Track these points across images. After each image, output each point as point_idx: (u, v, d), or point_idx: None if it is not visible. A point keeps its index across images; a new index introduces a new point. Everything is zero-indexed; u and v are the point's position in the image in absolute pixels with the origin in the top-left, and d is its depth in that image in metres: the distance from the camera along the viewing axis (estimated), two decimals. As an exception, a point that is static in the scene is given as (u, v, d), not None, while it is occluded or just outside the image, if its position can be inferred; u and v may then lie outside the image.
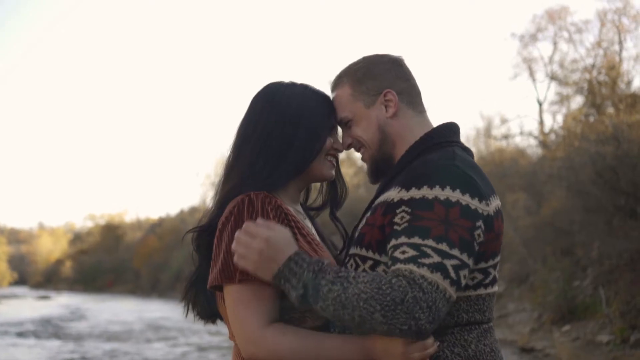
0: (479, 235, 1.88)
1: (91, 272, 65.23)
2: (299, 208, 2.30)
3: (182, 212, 54.71)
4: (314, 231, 2.28)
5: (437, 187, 1.89)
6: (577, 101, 23.98)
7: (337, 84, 2.28)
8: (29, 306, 37.24)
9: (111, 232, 68.53)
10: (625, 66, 22.76)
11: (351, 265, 2.06)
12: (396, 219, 1.91)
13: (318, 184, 2.39)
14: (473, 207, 1.88)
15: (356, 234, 2.12)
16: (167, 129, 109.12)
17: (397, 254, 1.84)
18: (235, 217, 1.99)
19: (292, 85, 2.24)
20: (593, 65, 23.49)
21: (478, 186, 1.93)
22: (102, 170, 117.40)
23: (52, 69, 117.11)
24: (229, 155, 2.22)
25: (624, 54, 23.30)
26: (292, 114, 2.15)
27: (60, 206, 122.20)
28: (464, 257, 1.83)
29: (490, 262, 1.99)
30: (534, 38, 26.83)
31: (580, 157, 15.66)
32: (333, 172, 2.26)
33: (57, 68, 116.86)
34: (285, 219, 2.04)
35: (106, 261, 63.76)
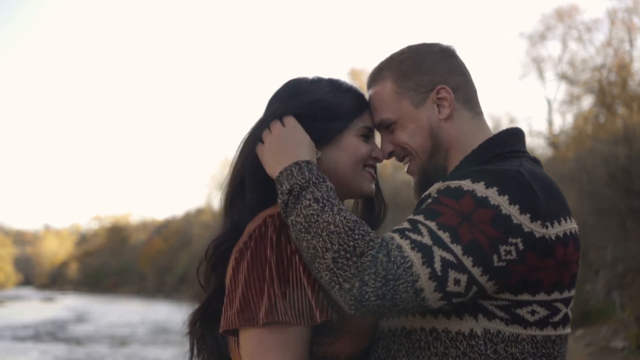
0: (506, 252, 1.53)
1: (96, 274, 65.48)
2: None
3: (188, 214, 54.60)
4: None
5: (482, 183, 1.58)
6: (588, 101, 23.75)
7: (376, 78, 1.90)
8: (34, 308, 37.22)
9: (116, 234, 68.72)
10: (636, 65, 22.58)
11: None
12: (423, 205, 1.65)
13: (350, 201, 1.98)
14: (516, 221, 1.55)
15: None
16: (173, 130, 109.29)
17: (394, 227, 1.61)
18: (257, 241, 1.66)
19: (318, 80, 1.88)
20: (603, 65, 23.25)
21: (536, 202, 1.59)
22: (108, 171, 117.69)
23: (57, 70, 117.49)
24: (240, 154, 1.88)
25: (635, 53, 23.11)
26: (317, 111, 1.80)
27: (65, 208, 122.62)
28: (467, 261, 1.51)
29: (556, 295, 1.64)
30: (542, 37, 26.59)
31: (592, 158, 15.44)
32: (373, 186, 1.89)
33: (61, 69, 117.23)
34: None
35: (111, 263, 63.90)
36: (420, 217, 1.57)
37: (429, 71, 1.83)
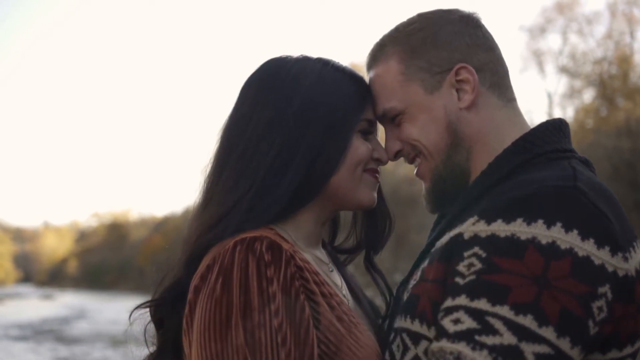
0: (599, 309, 1.16)
1: (96, 271, 65.52)
2: (322, 252, 1.54)
3: (187, 210, 54.44)
4: (344, 289, 1.52)
5: (540, 222, 1.17)
6: (588, 94, 23.56)
7: (377, 57, 1.50)
8: (32, 306, 37.05)
9: (116, 231, 68.71)
10: (637, 58, 22.38)
11: (397, 346, 1.33)
12: (461, 267, 1.22)
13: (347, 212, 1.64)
14: (598, 262, 1.17)
15: (405, 295, 1.38)
16: (171, 126, 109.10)
17: (446, 322, 1.19)
18: (216, 278, 1.27)
19: (304, 60, 1.49)
20: (604, 58, 23.05)
21: (611, 228, 1.20)
22: (107, 168, 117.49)
23: (56, 68, 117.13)
24: (208, 174, 1.48)
25: (636, 45, 22.90)
26: (302, 103, 1.41)
27: (65, 205, 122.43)
28: (564, 344, 1.13)
29: (628, 350, 1.26)
30: (543, 30, 26.34)
31: (594, 152, 15.28)
32: (375, 194, 1.51)
33: (60, 67, 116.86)
34: (301, 280, 1.29)
35: (111, 260, 63.87)
36: (482, 304, 1.15)
37: (446, 46, 1.44)
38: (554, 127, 1.42)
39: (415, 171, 1.52)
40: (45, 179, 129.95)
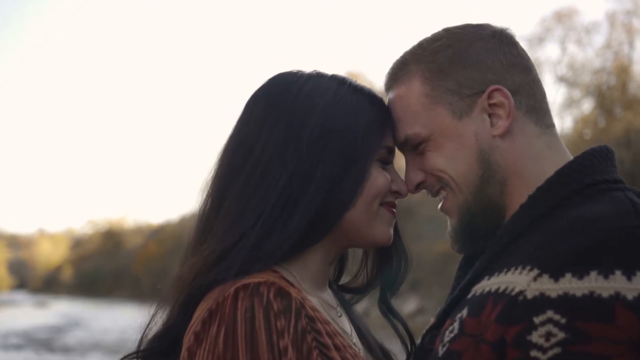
0: None
1: (91, 278, 65.34)
2: (329, 294, 1.40)
3: (182, 218, 54.41)
4: (354, 336, 1.37)
5: (618, 273, 1.03)
6: (587, 104, 23.56)
7: (398, 76, 1.36)
8: (26, 314, 36.79)
9: (111, 238, 68.55)
10: (635, 68, 22.39)
11: None
12: (535, 337, 1.04)
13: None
14: None
15: (440, 349, 1.19)
16: (167, 134, 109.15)
17: None
18: (217, 330, 1.12)
19: (318, 77, 1.35)
20: (603, 68, 23.05)
21: None
22: (102, 175, 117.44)
23: (53, 73, 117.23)
24: (205, 202, 1.33)
25: (634, 55, 22.92)
26: (316, 125, 1.27)
27: (60, 212, 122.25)
28: None
29: None
30: (541, 40, 26.36)
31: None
32: (391, 231, 1.37)
33: (56, 74, 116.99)
34: (313, 333, 1.13)
35: (106, 267, 63.72)
36: None
37: (478, 65, 1.30)
38: (601, 156, 1.28)
39: (439, 205, 1.35)
40: (41, 185, 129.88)
